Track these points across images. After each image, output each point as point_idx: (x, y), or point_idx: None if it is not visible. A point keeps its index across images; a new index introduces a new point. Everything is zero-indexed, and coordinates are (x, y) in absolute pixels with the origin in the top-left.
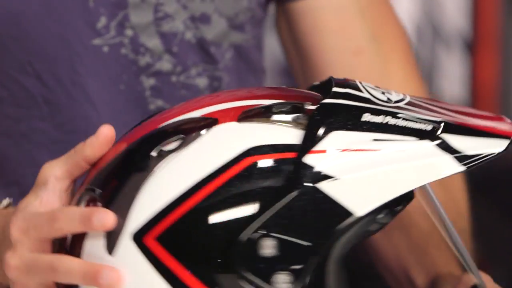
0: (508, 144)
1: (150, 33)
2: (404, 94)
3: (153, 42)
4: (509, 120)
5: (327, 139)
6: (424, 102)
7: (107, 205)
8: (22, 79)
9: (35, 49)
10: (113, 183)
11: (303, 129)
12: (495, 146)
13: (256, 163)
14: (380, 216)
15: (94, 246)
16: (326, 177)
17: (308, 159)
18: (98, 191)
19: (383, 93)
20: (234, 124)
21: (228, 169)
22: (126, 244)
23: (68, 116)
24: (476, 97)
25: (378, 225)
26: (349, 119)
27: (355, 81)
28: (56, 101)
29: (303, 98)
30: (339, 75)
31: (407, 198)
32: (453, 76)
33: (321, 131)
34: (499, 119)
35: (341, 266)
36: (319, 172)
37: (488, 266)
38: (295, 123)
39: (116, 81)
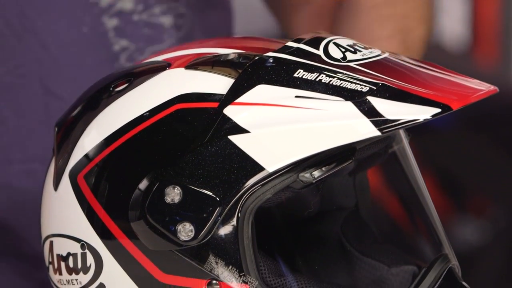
0: (437, 113)
1: None
2: (383, 52)
3: None
4: (475, 86)
5: (251, 92)
6: (391, 63)
7: (60, 143)
8: None
9: None
10: (69, 120)
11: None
12: (421, 113)
13: (180, 110)
14: (304, 174)
15: (48, 182)
16: (241, 130)
17: (228, 110)
18: (55, 129)
19: (354, 51)
20: (179, 71)
21: (155, 115)
22: (65, 181)
23: (20, 60)
24: (476, 36)
25: (302, 183)
26: (281, 74)
27: (326, 37)
28: (8, 46)
29: (268, 50)
30: None
31: (340, 158)
32: (454, 14)
33: (246, 83)
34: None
35: (269, 220)
36: (235, 125)
37: (488, 204)
38: (235, 73)
39: (78, 23)
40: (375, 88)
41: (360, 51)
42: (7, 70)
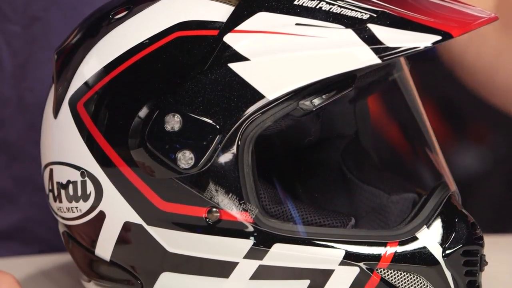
0: (438, 41)
1: None
2: None
3: None
4: (476, 14)
5: (251, 20)
6: None
7: (60, 71)
8: None
9: None
10: (69, 48)
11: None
12: (421, 41)
13: (179, 38)
14: (304, 101)
15: (48, 110)
16: (241, 58)
17: (228, 38)
18: (55, 57)
19: None
20: None
21: (155, 43)
22: (64, 109)
23: None
24: None
25: (302, 111)
26: (281, 1)
27: None
28: None
29: None
30: None
31: (340, 85)
32: None
33: (246, 11)
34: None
35: (270, 148)
36: (235, 53)
37: (488, 131)
38: (235, 0)
39: None
40: (375, 15)
41: None
42: None
